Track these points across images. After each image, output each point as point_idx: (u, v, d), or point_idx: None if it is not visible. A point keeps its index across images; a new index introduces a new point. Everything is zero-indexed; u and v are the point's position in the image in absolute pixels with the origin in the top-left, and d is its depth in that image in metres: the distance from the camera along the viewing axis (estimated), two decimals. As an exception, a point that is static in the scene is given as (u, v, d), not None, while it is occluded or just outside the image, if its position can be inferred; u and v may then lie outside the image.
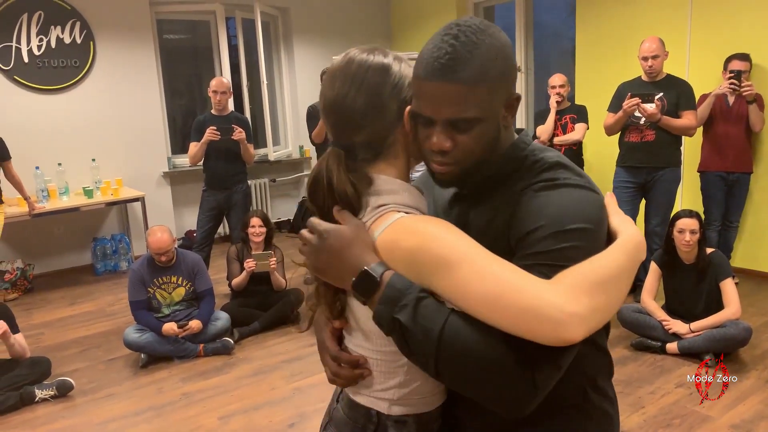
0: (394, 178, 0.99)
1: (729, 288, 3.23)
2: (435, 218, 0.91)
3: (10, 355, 3.20)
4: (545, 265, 0.85)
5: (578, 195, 0.92)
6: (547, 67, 7.24)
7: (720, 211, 4.35)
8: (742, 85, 3.96)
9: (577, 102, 4.88)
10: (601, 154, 4.68)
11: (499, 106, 0.94)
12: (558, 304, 0.78)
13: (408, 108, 0.96)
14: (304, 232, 0.97)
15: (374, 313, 0.88)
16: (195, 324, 3.55)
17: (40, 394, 3.11)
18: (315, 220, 0.96)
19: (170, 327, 3.50)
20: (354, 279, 0.88)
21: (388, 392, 1.00)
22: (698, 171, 4.42)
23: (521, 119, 6.15)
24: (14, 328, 3.20)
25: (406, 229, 0.90)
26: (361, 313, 0.97)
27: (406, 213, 0.94)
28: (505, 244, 0.93)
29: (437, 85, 0.89)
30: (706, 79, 4.45)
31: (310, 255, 0.95)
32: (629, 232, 0.93)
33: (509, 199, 0.95)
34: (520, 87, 6.04)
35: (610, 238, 0.93)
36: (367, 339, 0.99)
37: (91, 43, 5.37)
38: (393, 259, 0.89)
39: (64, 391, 3.16)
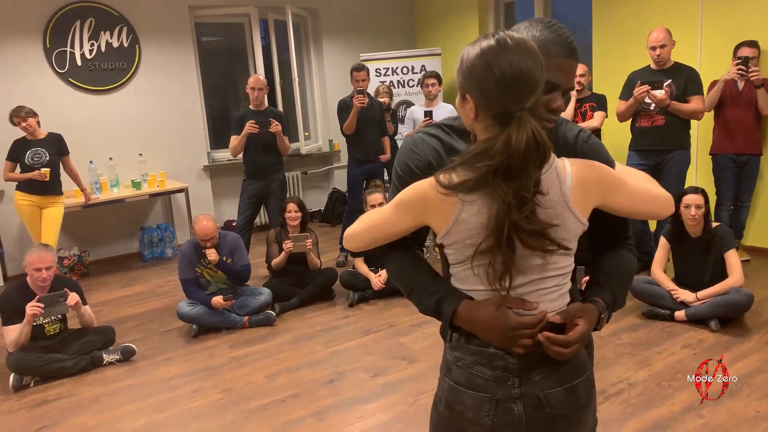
0: None
1: (732, 258, 3.46)
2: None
3: (80, 324, 3.61)
4: None
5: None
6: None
7: (731, 191, 4.55)
8: (750, 70, 4.16)
9: (594, 91, 5.10)
10: (615, 139, 4.91)
11: None
12: (669, 194, 1.33)
13: None
14: (562, 349, 1.13)
15: (605, 320, 1.26)
16: (211, 254, 3.90)
17: (107, 357, 3.52)
18: (566, 338, 1.14)
19: (218, 300, 3.88)
20: (597, 327, 1.24)
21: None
22: (710, 154, 4.63)
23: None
24: (83, 301, 3.61)
25: (583, 165, 1.18)
26: (526, 265, 1.16)
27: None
28: None
29: (572, 62, 1.20)
30: (716, 66, 4.65)
31: (572, 352, 1.16)
32: None
33: (573, 146, 1.28)
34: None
35: None
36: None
37: (137, 46, 5.80)
38: (587, 186, 1.16)
39: (127, 356, 3.57)
